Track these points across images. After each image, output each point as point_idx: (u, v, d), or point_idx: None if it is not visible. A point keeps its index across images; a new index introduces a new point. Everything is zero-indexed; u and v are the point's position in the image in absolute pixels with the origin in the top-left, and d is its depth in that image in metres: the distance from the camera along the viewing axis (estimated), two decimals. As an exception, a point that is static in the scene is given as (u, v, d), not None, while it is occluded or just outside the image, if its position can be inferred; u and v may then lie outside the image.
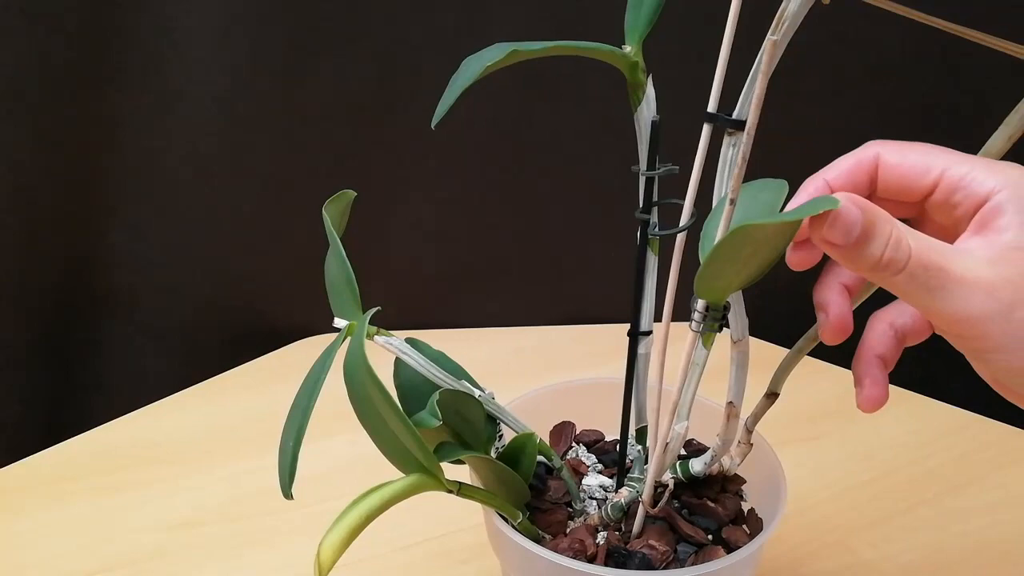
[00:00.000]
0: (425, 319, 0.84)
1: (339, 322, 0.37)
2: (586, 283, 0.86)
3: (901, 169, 0.30)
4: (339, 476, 0.60)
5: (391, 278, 0.83)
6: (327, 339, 0.37)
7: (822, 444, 0.66)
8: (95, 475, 0.61)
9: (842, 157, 0.32)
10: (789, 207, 0.32)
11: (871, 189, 0.32)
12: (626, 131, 0.39)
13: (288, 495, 0.34)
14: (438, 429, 0.36)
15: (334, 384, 0.34)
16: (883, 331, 0.33)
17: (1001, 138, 0.32)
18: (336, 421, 0.39)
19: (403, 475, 0.35)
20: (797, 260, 0.32)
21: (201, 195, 0.76)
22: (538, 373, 0.77)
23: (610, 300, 0.83)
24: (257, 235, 0.79)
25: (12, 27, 0.65)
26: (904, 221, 0.33)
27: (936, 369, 0.82)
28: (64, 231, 0.75)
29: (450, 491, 0.35)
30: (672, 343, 0.37)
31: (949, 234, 0.31)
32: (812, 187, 0.32)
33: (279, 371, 0.76)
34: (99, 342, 0.80)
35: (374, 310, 0.35)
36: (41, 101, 0.69)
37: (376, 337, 0.37)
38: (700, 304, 0.33)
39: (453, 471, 0.37)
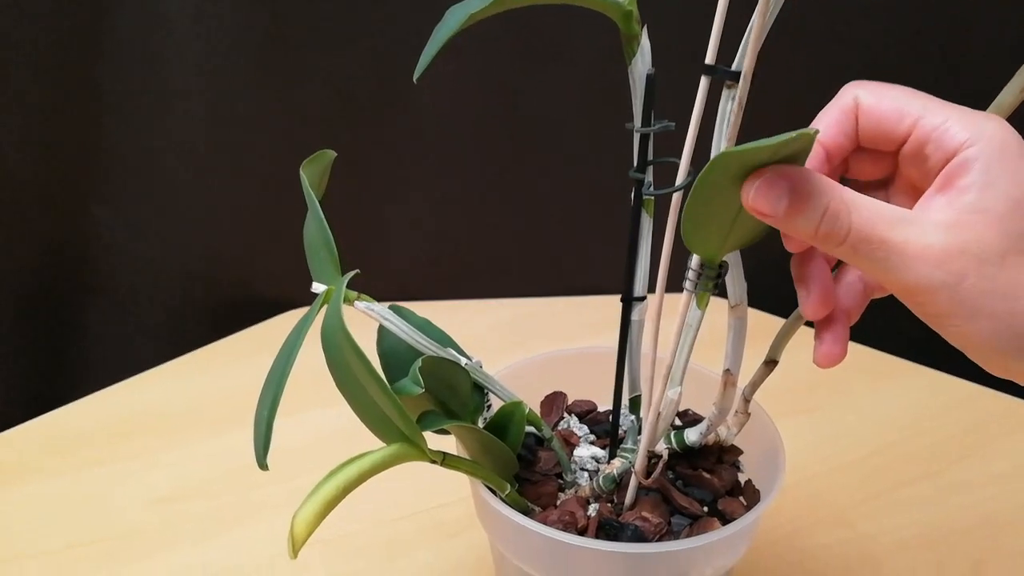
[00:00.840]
0: (418, 295, 0.82)
1: (317, 287, 0.36)
2: (583, 254, 0.84)
3: (876, 114, 0.29)
4: (323, 448, 0.58)
5: (387, 262, 0.82)
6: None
7: (820, 415, 0.64)
8: (75, 449, 0.60)
9: (825, 108, 0.30)
10: None
11: (857, 139, 0.30)
12: (624, 102, 0.37)
13: (263, 466, 0.32)
14: (421, 398, 0.35)
15: (316, 353, 0.32)
16: (851, 283, 0.32)
17: (1011, 93, 0.30)
18: (320, 391, 0.38)
19: (384, 445, 0.33)
20: (787, 241, 0.30)
21: (185, 170, 0.74)
22: (530, 344, 0.76)
23: (607, 270, 0.81)
24: (243, 207, 0.77)
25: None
26: (879, 181, 0.32)
27: (937, 339, 0.81)
28: (45, 209, 0.73)
29: (433, 461, 0.33)
30: (668, 314, 0.35)
31: (918, 193, 0.29)
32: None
33: (265, 343, 0.74)
34: (82, 320, 0.79)
35: (352, 273, 0.33)
36: (23, 79, 0.66)
37: (357, 302, 0.36)
38: (695, 261, 0.31)
39: (438, 441, 0.36)
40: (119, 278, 0.78)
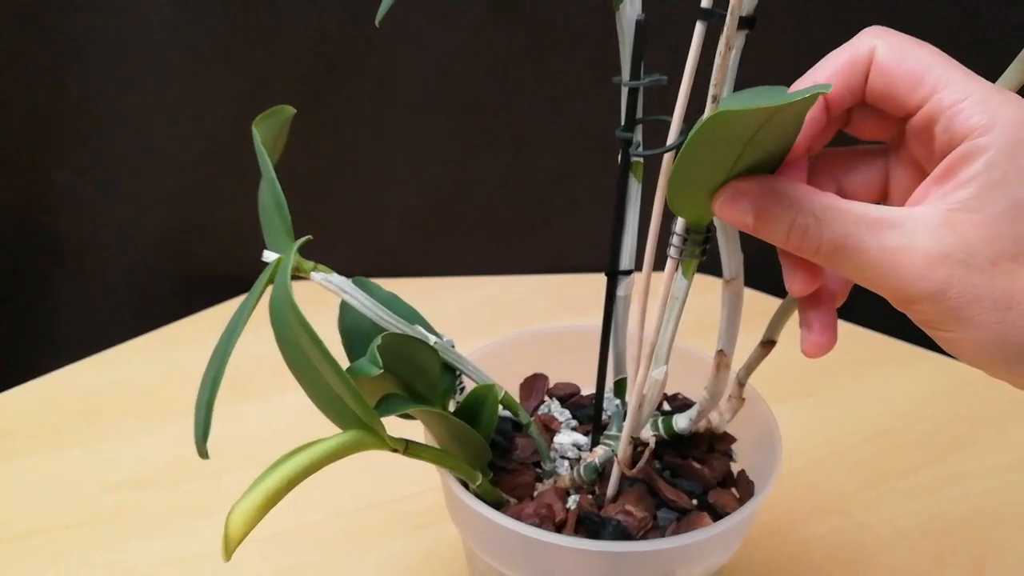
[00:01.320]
0: (397, 268, 0.79)
1: (268, 256, 0.32)
2: (568, 228, 0.81)
3: (892, 75, 0.25)
4: (299, 431, 0.55)
5: (364, 226, 0.78)
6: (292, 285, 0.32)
7: (817, 401, 0.61)
8: (34, 430, 0.57)
9: (836, 50, 0.26)
10: None
11: (863, 92, 0.26)
12: (616, 64, 0.34)
13: (203, 453, 0.29)
14: (384, 379, 0.31)
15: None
16: None
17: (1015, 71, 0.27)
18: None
19: (340, 432, 0.30)
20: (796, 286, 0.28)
21: (152, 132, 0.71)
22: (511, 324, 0.72)
23: (593, 246, 0.78)
24: (216, 173, 0.73)
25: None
26: (882, 145, 0.28)
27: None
28: (5, 173, 0.69)
29: (395, 450, 0.30)
30: (657, 288, 0.32)
31: (923, 172, 0.26)
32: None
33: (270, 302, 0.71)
34: (46, 290, 0.75)
35: (304, 239, 0.30)
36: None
37: (313, 274, 0.32)
38: (679, 224, 0.28)
39: (404, 427, 0.32)
40: (87, 249, 0.75)
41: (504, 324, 0.72)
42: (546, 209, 0.80)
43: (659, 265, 0.30)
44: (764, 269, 0.70)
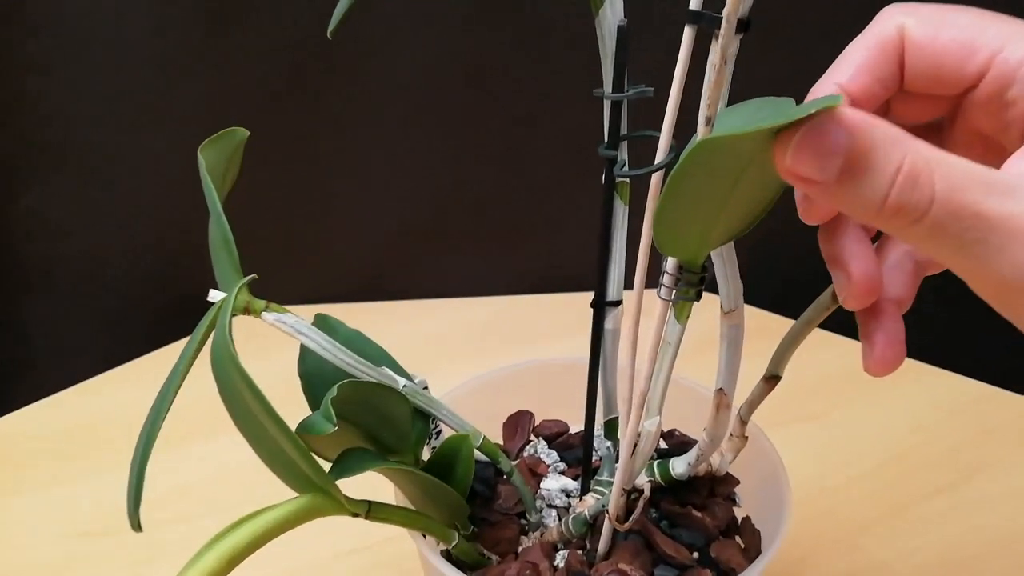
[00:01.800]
0: (378, 288, 0.75)
1: (215, 295, 0.29)
2: (565, 243, 0.77)
3: (933, 50, 0.21)
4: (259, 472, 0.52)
5: (341, 243, 0.75)
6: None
7: (824, 424, 0.58)
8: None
9: (856, 41, 0.23)
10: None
11: (900, 81, 0.23)
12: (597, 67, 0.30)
13: (136, 525, 0.25)
14: (345, 432, 0.28)
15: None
16: (899, 260, 0.24)
17: None
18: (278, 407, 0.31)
19: (295, 494, 0.26)
20: (806, 209, 0.22)
21: (122, 153, 0.67)
22: (502, 347, 0.69)
23: (586, 264, 0.75)
24: (191, 193, 0.70)
25: None
26: (928, 124, 0.24)
27: (948, 335, 0.75)
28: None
29: (355, 515, 0.26)
30: (647, 315, 0.28)
31: (994, 148, 0.22)
32: (821, 95, 0.23)
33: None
34: (15, 319, 0.72)
35: (249, 278, 0.27)
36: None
37: (264, 314, 0.29)
38: (671, 263, 0.25)
39: (370, 482, 0.29)
40: (56, 275, 0.71)
41: (495, 347, 0.69)
42: (536, 221, 0.77)
43: (651, 283, 0.26)
44: (765, 282, 0.67)
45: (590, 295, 0.32)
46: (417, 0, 0.64)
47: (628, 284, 0.31)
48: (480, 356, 0.67)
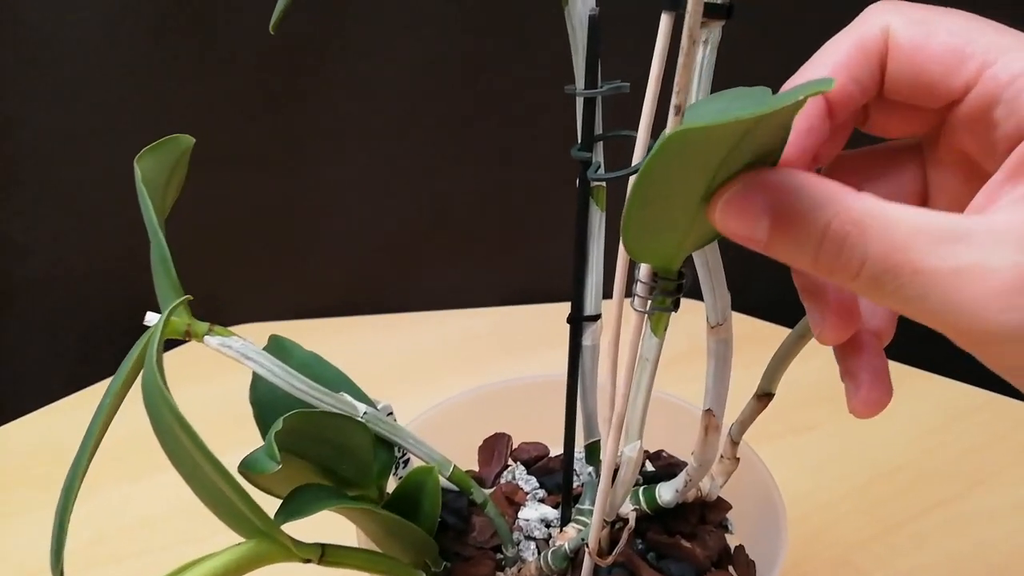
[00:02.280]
0: (361, 301, 0.73)
1: (151, 318, 0.26)
2: (559, 252, 0.75)
3: (918, 57, 0.19)
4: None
5: (323, 252, 0.72)
6: (242, 332, 0.26)
7: (815, 437, 0.56)
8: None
9: (835, 39, 0.21)
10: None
11: (880, 85, 0.21)
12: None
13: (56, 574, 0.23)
14: (295, 467, 0.25)
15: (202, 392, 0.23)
16: None
17: None
18: (226, 434, 0.28)
19: (239, 539, 0.24)
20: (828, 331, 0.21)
21: (82, 168, 0.64)
22: (499, 360, 0.66)
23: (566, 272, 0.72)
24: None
25: None
26: (909, 143, 0.22)
27: (941, 341, 0.73)
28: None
29: (307, 560, 0.24)
30: (628, 328, 0.26)
31: (978, 173, 0.20)
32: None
33: (181, 371, 0.64)
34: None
35: (181, 299, 0.24)
36: None
37: (207, 339, 0.26)
38: (643, 271, 0.22)
39: (329, 520, 0.26)
40: (18, 295, 0.68)
41: (480, 360, 0.66)
42: (522, 231, 0.74)
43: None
44: (757, 283, 0.65)
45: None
46: (397, 7, 0.62)
47: (607, 293, 0.29)
48: (466, 369, 0.65)
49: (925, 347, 0.72)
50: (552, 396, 0.37)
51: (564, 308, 0.30)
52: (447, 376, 0.63)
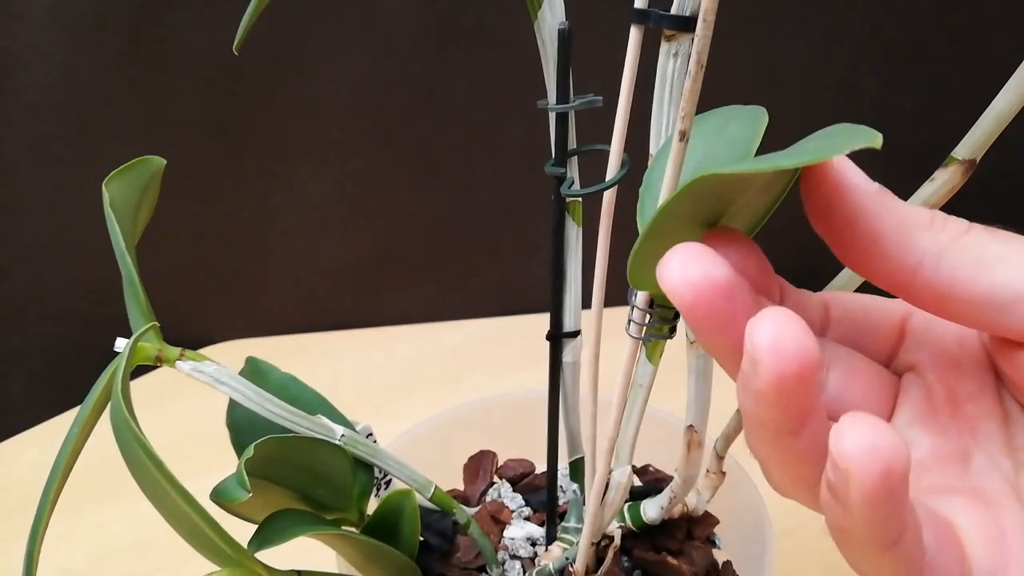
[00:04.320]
0: (335, 318, 0.72)
1: (120, 344, 0.26)
2: (529, 265, 0.75)
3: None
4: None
5: (290, 272, 0.71)
6: (222, 351, 0.26)
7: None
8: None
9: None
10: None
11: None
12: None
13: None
14: (270, 493, 0.25)
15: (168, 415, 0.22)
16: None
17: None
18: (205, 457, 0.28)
19: (213, 567, 0.23)
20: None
21: (51, 187, 0.64)
22: (473, 374, 0.66)
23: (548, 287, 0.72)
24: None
25: None
26: None
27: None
28: None
29: (282, 589, 0.23)
30: (609, 338, 0.26)
31: None
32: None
33: (161, 393, 0.64)
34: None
35: (148, 326, 0.24)
36: None
37: (179, 363, 0.26)
38: (641, 298, 0.22)
39: (308, 544, 0.26)
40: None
41: (460, 374, 0.66)
42: (495, 246, 0.74)
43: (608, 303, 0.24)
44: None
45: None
46: (364, 16, 0.62)
47: (585, 303, 0.29)
48: (446, 383, 0.64)
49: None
50: (537, 412, 0.36)
51: (539, 320, 0.29)
52: (426, 390, 0.63)
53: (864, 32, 0.63)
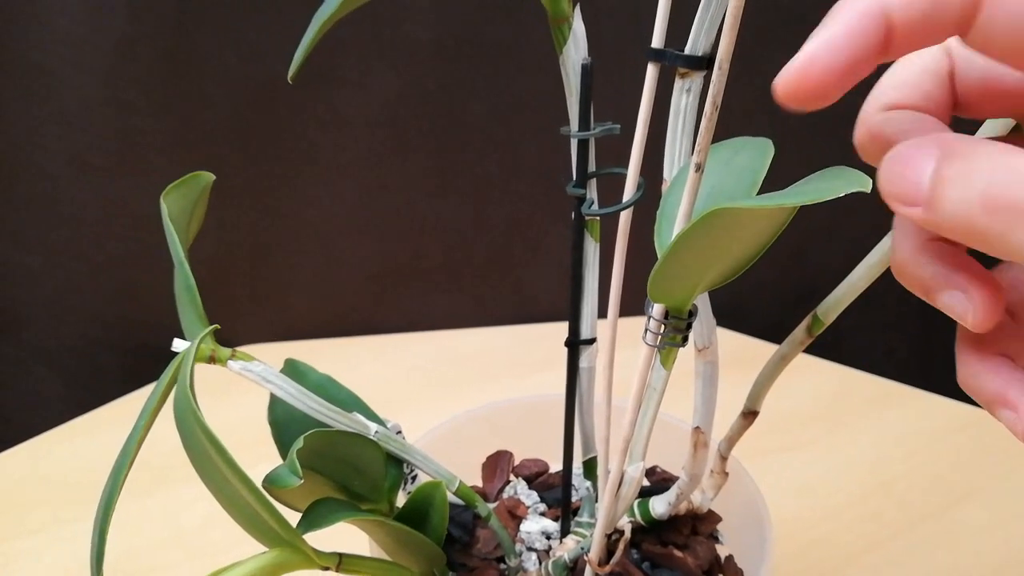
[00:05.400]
0: (352, 324, 0.75)
1: (178, 345, 0.28)
2: (540, 275, 0.77)
3: (995, 86, 0.19)
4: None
5: (310, 279, 0.74)
6: (246, 352, 0.28)
7: (805, 453, 0.58)
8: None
9: (906, 60, 0.20)
10: (808, 45, 0.17)
11: (953, 31, 0.18)
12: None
13: (96, 587, 0.25)
14: (314, 482, 0.27)
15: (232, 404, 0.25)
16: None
17: None
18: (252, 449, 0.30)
19: (263, 548, 0.26)
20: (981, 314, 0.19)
21: (87, 194, 0.67)
22: (485, 381, 0.68)
23: (561, 296, 0.74)
24: (154, 237, 0.69)
25: None
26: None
27: (931, 358, 0.75)
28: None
29: (325, 568, 0.26)
30: (623, 347, 0.28)
31: None
32: (854, 12, 0.17)
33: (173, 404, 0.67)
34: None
35: (211, 328, 0.26)
36: None
37: (231, 363, 0.28)
38: (657, 310, 0.24)
39: (342, 533, 0.28)
40: (24, 321, 0.70)
41: (477, 381, 0.68)
42: (509, 255, 0.77)
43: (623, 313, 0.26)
44: (747, 309, 0.67)
45: (567, 326, 0.32)
46: (387, 34, 0.65)
47: (601, 313, 0.31)
48: (463, 390, 0.66)
49: (913, 366, 0.74)
50: (552, 415, 0.39)
51: (552, 328, 0.32)
52: (437, 394, 0.65)
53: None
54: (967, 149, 0.17)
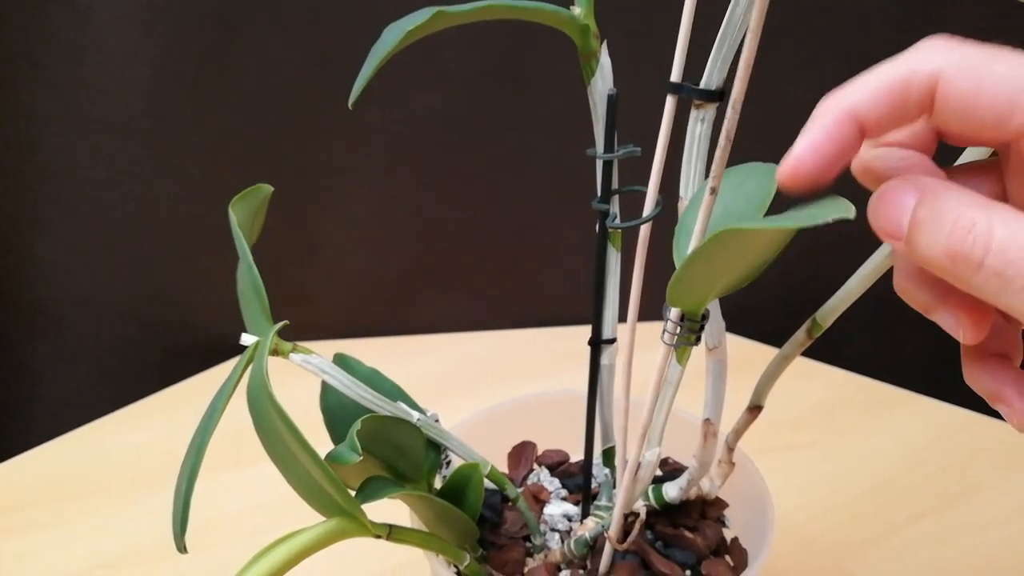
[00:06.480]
0: (373, 325, 0.78)
1: (246, 339, 0.32)
2: (551, 280, 0.81)
3: (972, 108, 0.20)
4: (283, 504, 0.54)
5: (333, 282, 0.78)
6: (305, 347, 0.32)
7: (809, 452, 0.61)
8: (8, 512, 0.55)
9: (881, 66, 0.21)
10: (796, 146, 0.22)
11: (916, 118, 0.21)
12: (589, 114, 0.34)
13: (181, 548, 0.28)
14: (366, 462, 0.31)
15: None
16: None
17: None
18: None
19: (322, 519, 0.29)
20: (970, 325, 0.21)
21: (126, 199, 0.70)
22: (499, 382, 0.72)
23: (578, 298, 0.78)
24: (189, 240, 0.73)
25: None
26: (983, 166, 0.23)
27: (932, 361, 0.78)
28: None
29: (378, 536, 0.29)
30: (640, 349, 0.32)
31: None
32: (829, 118, 0.21)
33: (218, 389, 0.70)
34: (24, 364, 0.74)
35: (280, 324, 0.30)
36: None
37: (292, 355, 0.32)
38: (674, 313, 0.28)
39: (389, 508, 0.32)
40: (65, 320, 0.74)
41: (490, 382, 0.72)
42: (522, 259, 0.80)
43: (643, 320, 0.29)
44: (750, 315, 0.70)
45: (583, 329, 0.35)
46: (406, 47, 0.68)
47: (621, 316, 0.34)
48: (482, 389, 0.70)
49: (910, 369, 0.77)
50: (571, 409, 0.42)
51: (567, 332, 0.35)
52: (458, 395, 0.68)
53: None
54: (938, 195, 0.20)
